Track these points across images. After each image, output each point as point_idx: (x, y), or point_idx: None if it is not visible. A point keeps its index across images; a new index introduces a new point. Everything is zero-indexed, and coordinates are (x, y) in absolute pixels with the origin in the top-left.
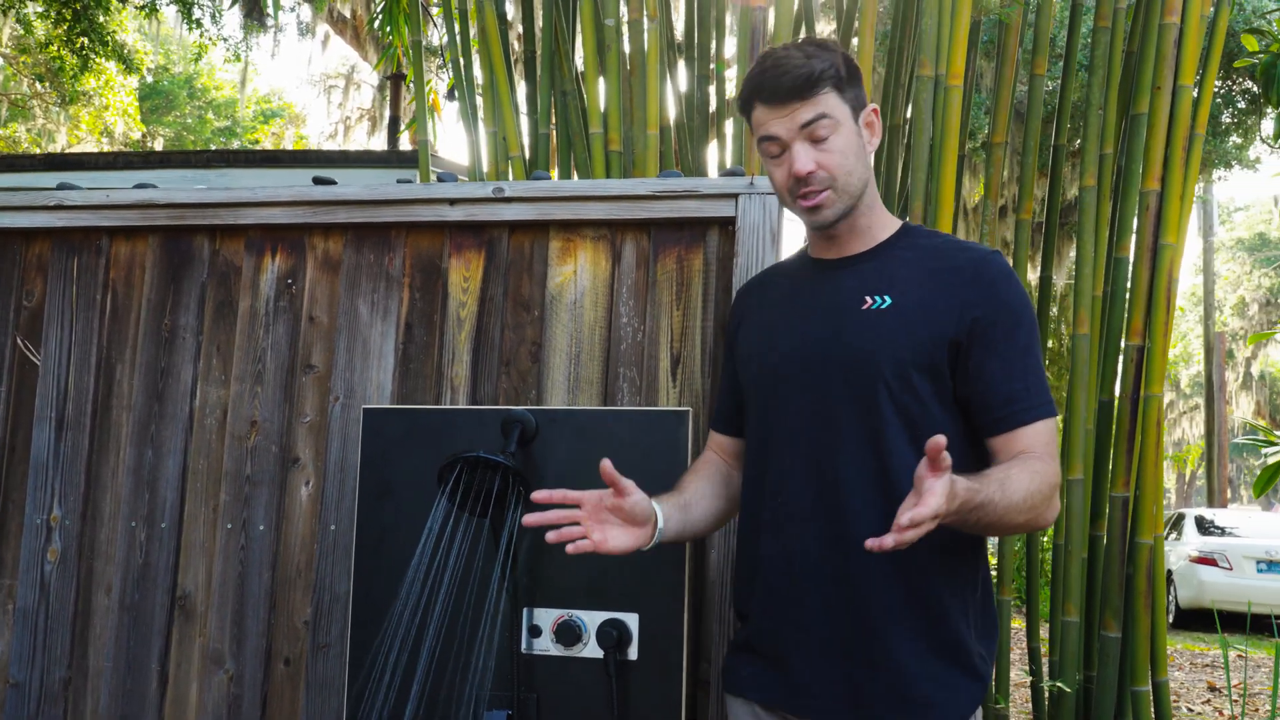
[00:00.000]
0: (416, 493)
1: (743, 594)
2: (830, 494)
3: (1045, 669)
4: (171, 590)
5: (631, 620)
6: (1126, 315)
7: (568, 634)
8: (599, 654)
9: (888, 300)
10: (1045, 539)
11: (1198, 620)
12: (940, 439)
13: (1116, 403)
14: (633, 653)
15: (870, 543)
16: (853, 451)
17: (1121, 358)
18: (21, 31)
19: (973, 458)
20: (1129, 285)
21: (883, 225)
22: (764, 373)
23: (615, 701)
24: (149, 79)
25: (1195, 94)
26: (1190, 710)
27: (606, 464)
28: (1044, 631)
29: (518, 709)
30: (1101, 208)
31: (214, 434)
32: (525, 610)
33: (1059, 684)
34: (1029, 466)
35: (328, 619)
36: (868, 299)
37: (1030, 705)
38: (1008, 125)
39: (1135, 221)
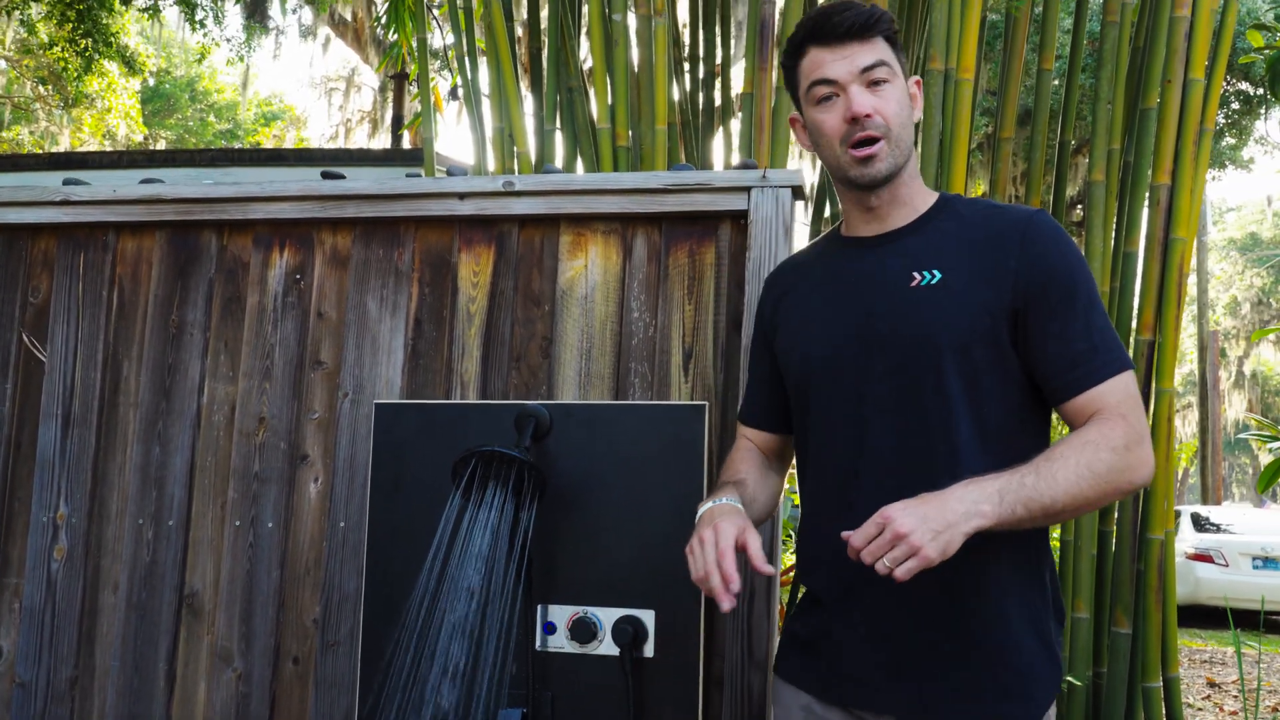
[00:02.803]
0: (428, 488)
1: (813, 582)
2: (901, 474)
3: None
4: (179, 588)
5: (647, 617)
6: (1137, 310)
7: (583, 631)
8: (614, 651)
9: (937, 275)
10: (1053, 534)
11: (1194, 617)
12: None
13: None
14: (649, 650)
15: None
16: (920, 431)
17: (1131, 353)
18: (25, 34)
19: (1041, 430)
20: (1139, 280)
21: (922, 197)
22: (814, 357)
23: (631, 699)
24: (151, 82)
25: (1205, 88)
26: (1190, 705)
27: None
28: None
29: (533, 707)
30: (1109, 203)
31: (222, 431)
32: (540, 607)
33: (1070, 679)
34: (1083, 437)
35: (337, 617)
36: (916, 275)
37: None
38: (1014, 120)
39: (1144, 216)
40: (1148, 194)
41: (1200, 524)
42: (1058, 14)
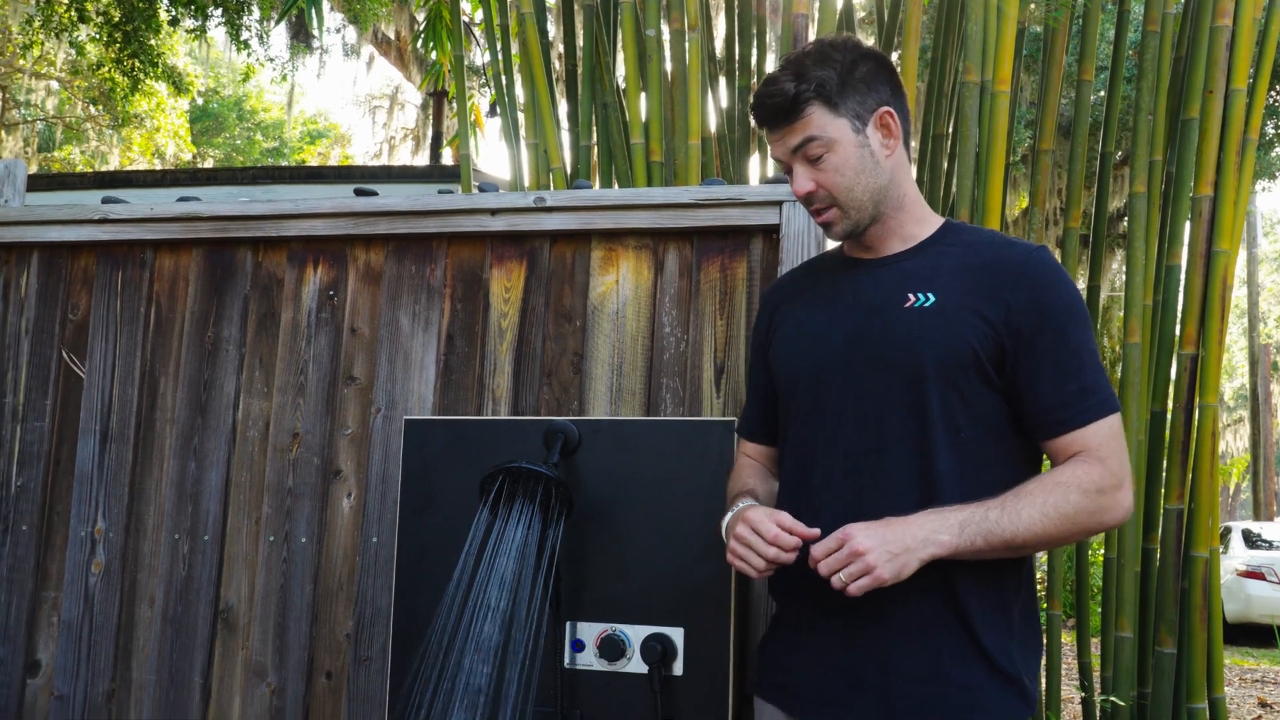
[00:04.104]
0: (458, 504)
1: (780, 594)
2: (871, 496)
3: (1096, 685)
4: (214, 603)
5: (676, 635)
6: (1179, 324)
7: (611, 649)
8: (643, 669)
9: (931, 298)
10: (1094, 552)
11: (1246, 635)
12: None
13: (1170, 413)
14: (678, 668)
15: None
16: (896, 453)
17: (1175, 367)
18: (75, 55)
19: (1022, 458)
20: (1181, 293)
21: (921, 223)
22: (803, 373)
23: (660, 717)
24: (199, 101)
25: (1248, 98)
26: None
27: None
28: (1095, 647)
29: None
30: (1151, 215)
31: (256, 446)
32: (568, 624)
33: (1114, 699)
34: (1056, 477)
35: (369, 632)
36: (910, 296)
37: None
38: (1054, 133)
39: (1187, 228)
40: (1190, 206)
41: (1252, 540)
42: (1098, 25)
